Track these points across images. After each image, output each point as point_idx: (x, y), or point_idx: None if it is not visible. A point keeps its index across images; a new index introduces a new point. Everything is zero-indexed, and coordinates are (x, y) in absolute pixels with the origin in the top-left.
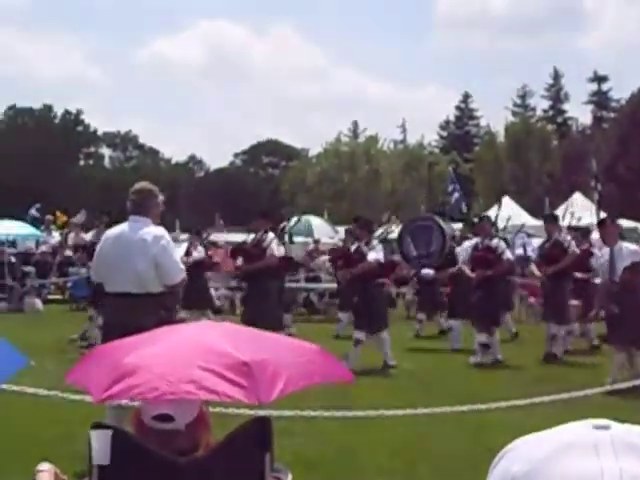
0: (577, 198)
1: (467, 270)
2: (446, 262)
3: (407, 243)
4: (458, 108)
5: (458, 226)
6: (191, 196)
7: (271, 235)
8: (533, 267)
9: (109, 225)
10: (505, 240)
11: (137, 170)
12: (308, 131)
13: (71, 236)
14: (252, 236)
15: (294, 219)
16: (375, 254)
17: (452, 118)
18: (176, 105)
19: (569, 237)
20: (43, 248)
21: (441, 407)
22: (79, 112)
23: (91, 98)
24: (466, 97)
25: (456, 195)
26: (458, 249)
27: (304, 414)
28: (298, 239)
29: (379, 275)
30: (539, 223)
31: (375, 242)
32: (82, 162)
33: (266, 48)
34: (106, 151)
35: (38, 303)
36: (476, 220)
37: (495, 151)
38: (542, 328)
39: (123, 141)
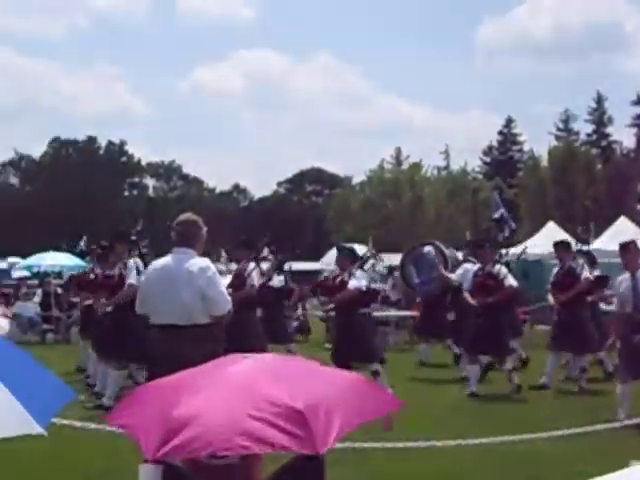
0: (622, 222)
1: (469, 297)
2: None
3: (410, 270)
4: (501, 133)
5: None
6: (235, 225)
7: (252, 265)
8: (548, 295)
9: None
10: (507, 265)
11: (181, 200)
12: (351, 158)
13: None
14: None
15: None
16: (356, 282)
17: (495, 143)
18: (219, 134)
19: (580, 262)
20: None
21: (489, 437)
22: (123, 143)
23: (135, 129)
24: (509, 122)
25: (504, 215)
26: (453, 275)
27: (356, 446)
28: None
29: (361, 303)
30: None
31: (357, 271)
32: (126, 192)
33: (308, 76)
34: (150, 181)
35: None
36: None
37: (539, 176)
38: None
39: (167, 171)
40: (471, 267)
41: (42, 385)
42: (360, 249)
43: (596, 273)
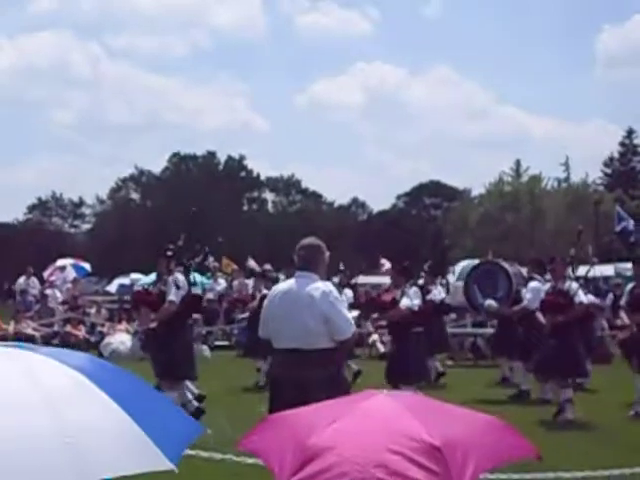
0: None
1: (540, 316)
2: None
3: (473, 290)
4: (622, 144)
5: (625, 266)
6: (355, 239)
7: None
8: (622, 314)
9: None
10: (585, 282)
11: (300, 214)
12: (470, 171)
13: (235, 283)
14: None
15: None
16: (408, 301)
17: (616, 154)
18: (337, 148)
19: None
20: (210, 295)
21: (621, 468)
22: (242, 157)
23: (254, 143)
24: (630, 132)
25: (627, 228)
26: (524, 290)
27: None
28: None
29: (413, 323)
30: None
31: (411, 288)
32: (245, 207)
33: (425, 88)
34: (269, 196)
35: (206, 350)
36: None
37: None
38: None
39: (286, 185)
40: (538, 285)
41: (171, 419)
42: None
43: None
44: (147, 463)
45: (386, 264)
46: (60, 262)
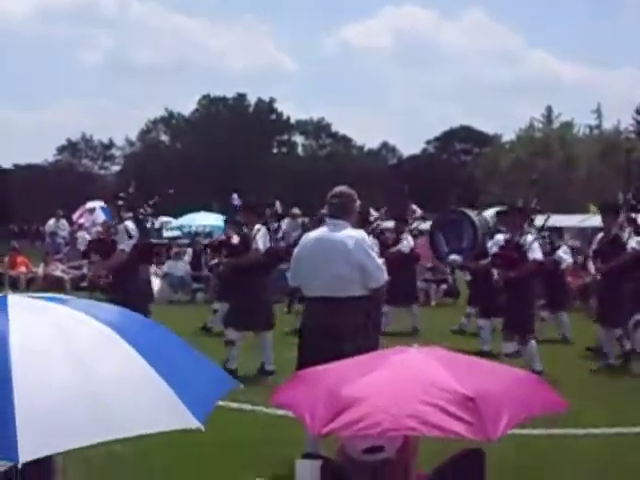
0: None
1: (493, 270)
2: (479, 256)
3: (439, 239)
4: None
5: None
6: (384, 183)
7: (257, 228)
8: (589, 264)
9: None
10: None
11: (330, 158)
12: (501, 116)
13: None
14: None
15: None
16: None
17: None
18: (368, 92)
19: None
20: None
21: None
22: (272, 100)
23: (284, 86)
24: None
25: None
26: (489, 242)
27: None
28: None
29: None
30: None
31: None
32: (275, 150)
33: (456, 32)
34: (299, 139)
35: None
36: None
37: None
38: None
39: (316, 129)
40: (502, 237)
41: (202, 375)
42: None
43: None
44: (174, 421)
45: (417, 210)
46: (89, 204)
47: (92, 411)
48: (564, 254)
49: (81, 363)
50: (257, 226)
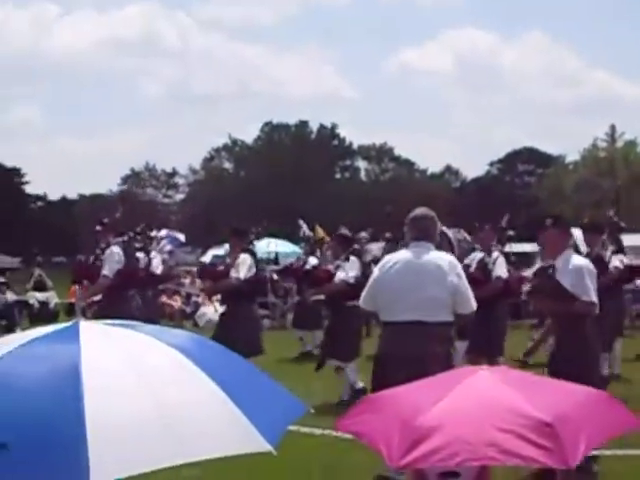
0: None
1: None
2: None
3: None
4: None
5: None
6: (448, 207)
7: (242, 256)
8: None
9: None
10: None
11: (393, 183)
12: (564, 137)
13: (328, 253)
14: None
15: None
16: (343, 273)
17: None
18: (430, 116)
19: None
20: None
21: None
22: (334, 126)
23: (345, 112)
24: None
25: None
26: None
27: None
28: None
29: (348, 297)
30: None
31: (347, 261)
32: (338, 175)
33: (516, 54)
34: (362, 164)
35: None
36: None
37: None
38: None
39: (379, 154)
40: (477, 256)
41: (272, 398)
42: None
43: None
44: (245, 445)
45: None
46: (154, 233)
47: (163, 435)
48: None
49: (151, 388)
50: (242, 254)
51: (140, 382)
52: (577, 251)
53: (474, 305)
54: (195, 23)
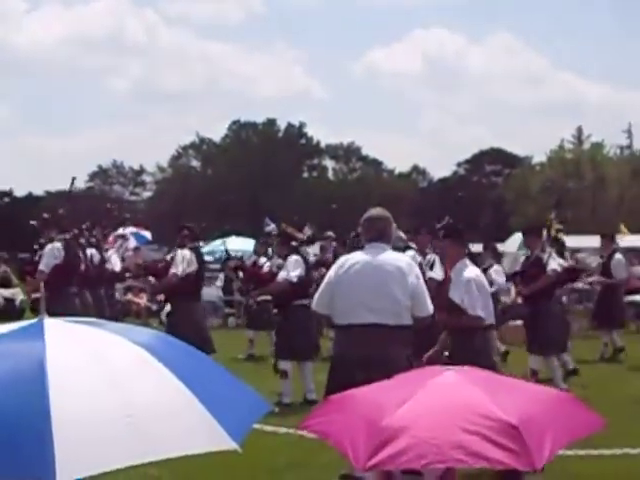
0: None
1: None
2: None
3: None
4: None
5: None
6: (415, 206)
7: (179, 252)
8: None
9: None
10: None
11: (361, 182)
12: (530, 138)
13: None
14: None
15: None
16: (285, 272)
17: None
18: (397, 115)
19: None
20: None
21: None
22: (302, 125)
23: (313, 111)
24: None
25: None
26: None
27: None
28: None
29: (295, 295)
30: None
31: (291, 259)
32: (306, 174)
33: (484, 54)
34: (329, 163)
35: None
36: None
37: None
38: None
39: (346, 153)
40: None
41: (237, 397)
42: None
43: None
44: (211, 443)
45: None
46: (120, 230)
47: (129, 433)
48: (496, 275)
49: (117, 385)
50: (181, 250)
51: (106, 380)
52: (473, 260)
53: (431, 308)
54: (163, 20)
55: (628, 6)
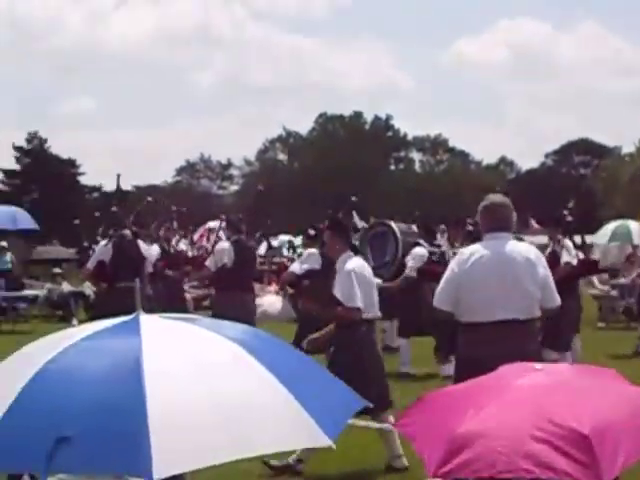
0: None
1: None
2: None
3: (366, 253)
4: None
5: None
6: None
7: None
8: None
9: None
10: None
11: (447, 174)
12: (619, 128)
13: None
14: None
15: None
16: (296, 265)
17: None
18: (484, 106)
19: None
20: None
21: None
22: (389, 117)
23: (400, 103)
24: None
25: None
26: (408, 257)
27: None
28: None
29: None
30: None
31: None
32: (393, 167)
33: (572, 44)
34: (416, 155)
35: None
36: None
37: None
38: None
39: (433, 145)
40: (421, 251)
41: (331, 393)
42: (633, 225)
43: None
44: (305, 440)
45: (534, 225)
46: (211, 224)
47: (223, 430)
48: None
49: (212, 382)
50: (223, 243)
51: (201, 376)
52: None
53: (559, 299)
54: (250, 14)
55: None
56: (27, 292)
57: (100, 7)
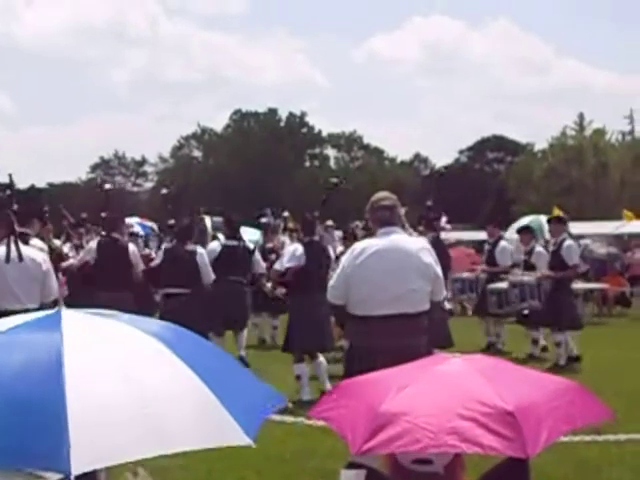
0: None
1: None
2: None
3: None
4: None
5: None
6: (417, 194)
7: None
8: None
9: None
10: None
11: (362, 170)
12: (532, 125)
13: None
14: None
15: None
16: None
17: None
18: (398, 103)
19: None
20: None
21: None
22: (303, 114)
23: (315, 100)
24: None
25: None
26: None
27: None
28: None
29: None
30: None
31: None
32: (307, 163)
33: (484, 41)
34: (331, 152)
35: None
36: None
37: None
38: None
39: (348, 142)
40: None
41: (250, 391)
42: (545, 220)
43: None
44: (225, 437)
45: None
46: (126, 221)
47: (143, 425)
48: None
49: (131, 377)
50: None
51: (119, 370)
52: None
53: (445, 292)
54: (165, 10)
55: None
56: None
57: (12, 2)
